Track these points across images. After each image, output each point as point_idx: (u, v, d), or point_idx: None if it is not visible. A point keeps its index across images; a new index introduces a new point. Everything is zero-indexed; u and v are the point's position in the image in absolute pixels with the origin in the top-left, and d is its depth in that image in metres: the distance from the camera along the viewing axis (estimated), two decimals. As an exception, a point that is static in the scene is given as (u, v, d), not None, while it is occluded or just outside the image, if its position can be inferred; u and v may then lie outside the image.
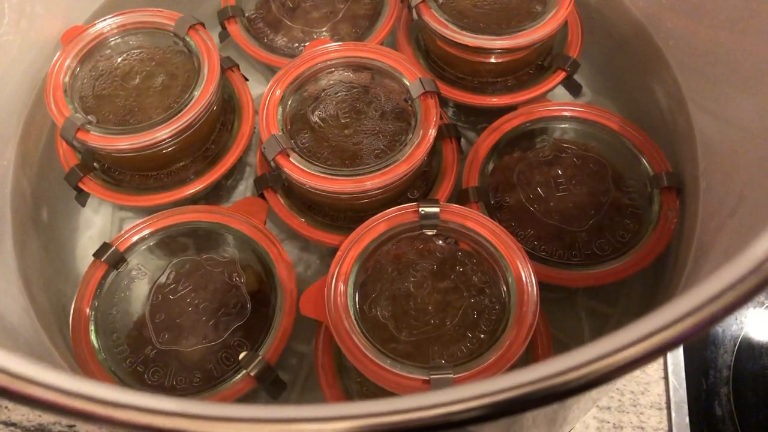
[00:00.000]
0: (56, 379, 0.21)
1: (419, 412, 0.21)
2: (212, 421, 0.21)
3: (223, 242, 0.52)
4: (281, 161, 0.48)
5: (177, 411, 0.21)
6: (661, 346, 0.22)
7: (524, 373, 0.22)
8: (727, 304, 0.23)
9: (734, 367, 0.61)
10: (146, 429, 0.20)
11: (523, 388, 0.22)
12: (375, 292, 0.44)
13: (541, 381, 0.21)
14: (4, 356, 0.22)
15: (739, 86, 0.46)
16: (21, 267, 0.50)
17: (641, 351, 0.22)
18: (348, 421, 0.21)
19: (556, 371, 0.22)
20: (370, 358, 0.40)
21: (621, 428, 0.56)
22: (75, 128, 0.50)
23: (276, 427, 0.21)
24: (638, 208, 0.52)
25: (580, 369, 0.22)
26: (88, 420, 0.20)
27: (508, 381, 0.22)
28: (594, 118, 0.55)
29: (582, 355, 0.22)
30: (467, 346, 0.42)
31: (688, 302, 0.23)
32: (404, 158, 0.48)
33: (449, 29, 0.54)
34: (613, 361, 0.22)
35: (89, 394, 0.21)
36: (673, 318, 0.23)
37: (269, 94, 0.51)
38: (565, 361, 0.22)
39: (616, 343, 0.23)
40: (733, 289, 0.24)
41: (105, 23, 0.56)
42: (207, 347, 0.47)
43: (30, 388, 0.21)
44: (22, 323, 0.45)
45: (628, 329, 0.23)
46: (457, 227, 0.46)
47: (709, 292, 0.24)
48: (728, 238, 0.40)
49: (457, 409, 0.21)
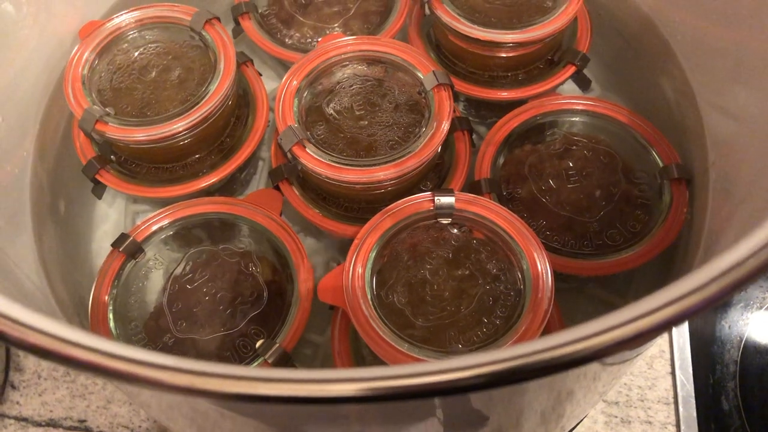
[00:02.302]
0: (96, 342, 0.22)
1: (422, 378, 0.22)
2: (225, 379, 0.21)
3: (239, 233, 0.53)
4: (297, 152, 0.49)
5: (199, 370, 0.21)
6: (661, 322, 0.22)
7: (528, 344, 0.22)
8: (733, 281, 0.23)
9: (741, 362, 0.62)
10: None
11: (525, 359, 0.22)
12: (392, 279, 0.45)
13: (543, 352, 0.22)
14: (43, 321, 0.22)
15: (745, 81, 0.46)
16: (40, 255, 0.51)
17: (644, 325, 0.23)
18: (355, 384, 0.21)
19: (557, 343, 0.22)
20: (388, 342, 0.41)
21: (629, 423, 0.57)
22: (94, 120, 0.51)
23: (294, 386, 0.21)
24: (648, 200, 0.52)
25: (581, 342, 0.22)
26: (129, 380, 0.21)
27: (510, 352, 0.22)
28: (604, 111, 0.56)
29: (585, 329, 0.22)
30: (483, 332, 0.43)
31: (694, 279, 0.24)
32: (418, 149, 0.48)
33: (461, 23, 0.55)
34: (617, 335, 0.22)
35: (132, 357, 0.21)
36: (677, 295, 0.23)
37: (285, 85, 0.52)
38: (567, 335, 0.22)
39: (619, 318, 0.23)
40: (739, 268, 0.24)
41: (122, 18, 0.57)
42: (224, 335, 0.48)
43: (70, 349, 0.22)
44: (43, 309, 0.46)
45: (630, 307, 0.23)
46: (471, 216, 0.46)
47: (717, 269, 0.24)
48: (738, 226, 0.41)
49: (458, 376, 0.22)
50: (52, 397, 0.58)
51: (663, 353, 0.59)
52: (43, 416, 0.58)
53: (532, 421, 0.41)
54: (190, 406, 0.34)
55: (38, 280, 0.49)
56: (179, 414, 0.38)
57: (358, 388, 0.21)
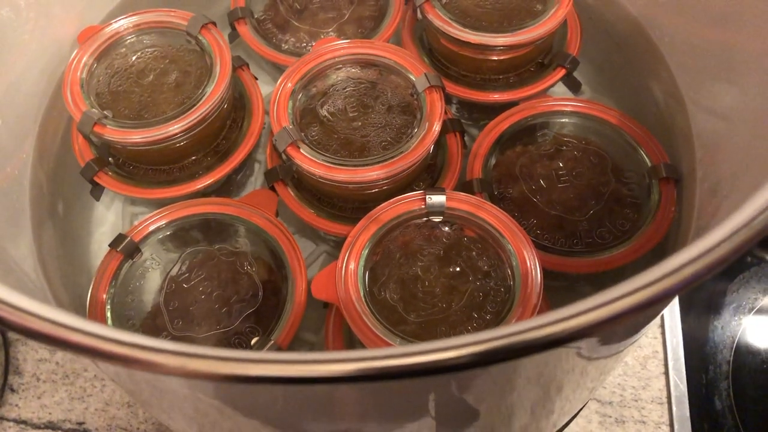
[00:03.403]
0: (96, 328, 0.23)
1: (410, 357, 0.22)
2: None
3: (235, 233, 0.53)
4: (292, 152, 0.50)
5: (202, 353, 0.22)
6: (634, 305, 0.23)
7: (515, 324, 0.23)
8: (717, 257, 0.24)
9: (733, 362, 0.63)
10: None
11: (511, 337, 0.22)
12: (384, 276, 0.46)
13: (526, 331, 0.22)
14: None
15: (729, 79, 0.47)
16: (40, 256, 0.51)
17: (628, 304, 0.23)
18: (347, 364, 0.22)
19: (539, 324, 0.23)
20: (381, 337, 0.41)
21: (623, 423, 0.57)
22: (92, 122, 0.52)
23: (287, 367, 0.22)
24: (637, 198, 0.53)
25: (566, 321, 0.23)
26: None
27: (498, 331, 0.23)
28: (593, 112, 0.57)
29: (568, 310, 0.23)
30: (473, 327, 0.43)
31: (682, 256, 0.25)
32: (410, 150, 0.49)
33: (453, 27, 0.56)
34: (609, 310, 0.23)
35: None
36: (662, 274, 0.24)
37: (280, 87, 0.53)
38: (552, 315, 0.23)
39: (594, 302, 0.24)
40: (714, 250, 0.25)
41: (120, 23, 0.58)
42: (220, 333, 0.49)
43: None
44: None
45: (606, 291, 0.24)
46: (462, 214, 0.47)
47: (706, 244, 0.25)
48: (722, 219, 0.42)
49: (448, 356, 0.22)
50: (50, 400, 0.59)
51: (656, 353, 0.59)
52: (42, 419, 0.58)
53: (522, 418, 0.41)
54: (192, 406, 0.35)
55: (37, 280, 0.50)
56: (180, 414, 0.38)
57: (349, 368, 0.22)
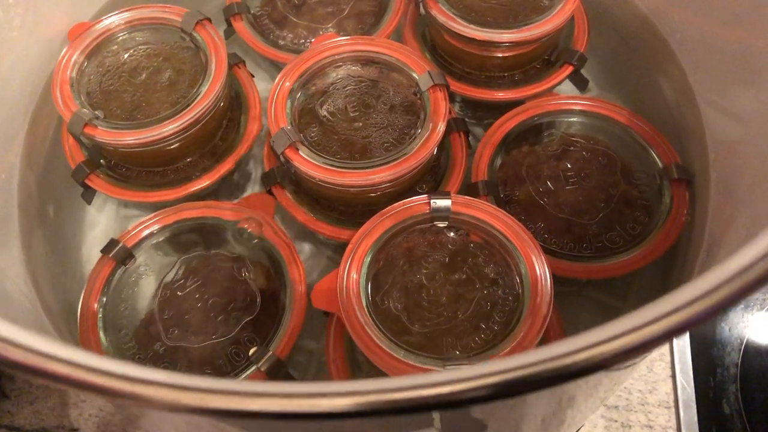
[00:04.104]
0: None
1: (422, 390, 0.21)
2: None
3: (232, 238, 0.51)
4: (290, 154, 0.48)
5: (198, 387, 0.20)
6: (665, 331, 0.22)
7: (530, 354, 0.21)
8: (735, 290, 0.23)
9: (741, 364, 0.61)
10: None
11: (527, 369, 0.21)
12: (387, 284, 0.44)
13: (547, 361, 0.21)
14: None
15: (746, 80, 0.46)
16: (28, 263, 0.49)
17: (647, 335, 0.22)
18: (349, 398, 0.20)
19: (562, 352, 0.21)
20: (384, 349, 0.40)
21: (629, 427, 0.56)
22: (83, 123, 0.50)
23: (285, 401, 0.21)
24: (648, 201, 0.52)
25: (588, 350, 0.21)
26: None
27: (511, 362, 0.21)
28: (602, 111, 0.55)
29: (590, 337, 0.22)
30: (481, 338, 0.42)
31: (696, 288, 0.23)
32: (414, 151, 0.47)
33: (457, 23, 0.54)
34: (621, 344, 0.22)
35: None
36: (681, 303, 0.22)
37: (278, 86, 0.51)
38: (572, 343, 0.21)
39: (622, 327, 0.22)
40: (741, 276, 0.23)
41: (112, 19, 0.56)
42: (216, 343, 0.47)
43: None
44: (31, 318, 0.45)
45: (633, 315, 0.23)
46: (468, 219, 0.45)
47: (718, 278, 0.23)
48: (742, 229, 0.40)
49: (460, 388, 0.21)
50: (43, 406, 0.57)
51: (663, 356, 0.58)
52: (35, 425, 0.57)
53: (532, 428, 0.40)
54: (184, 419, 0.33)
55: (25, 287, 0.48)
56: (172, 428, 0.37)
57: (352, 402, 0.20)
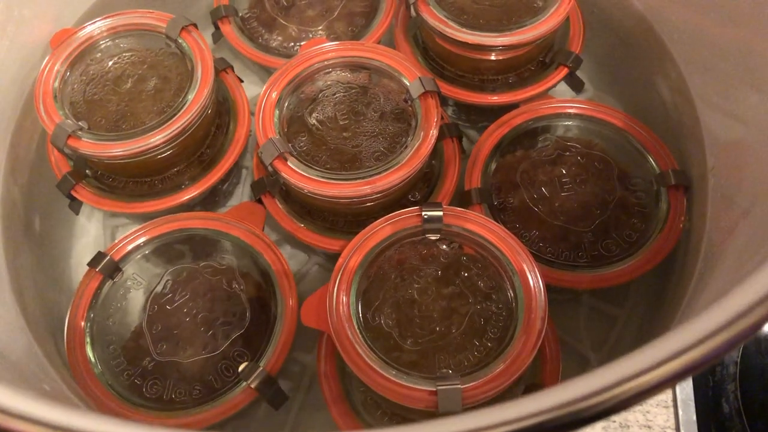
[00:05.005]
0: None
1: None
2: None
3: (221, 249, 0.51)
4: (279, 166, 0.47)
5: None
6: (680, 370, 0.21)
7: (538, 399, 0.21)
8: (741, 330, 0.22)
9: (741, 363, 0.61)
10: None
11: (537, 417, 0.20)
12: (378, 300, 0.43)
13: (562, 407, 0.20)
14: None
15: (748, 82, 0.44)
16: (13, 277, 0.49)
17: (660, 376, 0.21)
18: None
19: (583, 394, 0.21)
20: (375, 369, 0.39)
21: (627, 427, 0.55)
22: (66, 135, 0.48)
23: None
24: (645, 207, 0.51)
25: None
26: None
27: (517, 410, 0.20)
28: (598, 115, 0.54)
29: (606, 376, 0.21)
30: (474, 355, 0.41)
31: (705, 324, 0.22)
32: (405, 161, 0.46)
33: (448, 26, 0.53)
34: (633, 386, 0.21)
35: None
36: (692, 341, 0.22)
37: (265, 96, 0.49)
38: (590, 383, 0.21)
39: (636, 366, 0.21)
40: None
41: (95, 26, 0.54)
42: (206, 358, 0.46)
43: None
44: (14, 337, 0.44)
45: (642, 351, 0.22)
46: (461, 231, 0.44)
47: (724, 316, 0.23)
48: (742, 241, 0.39)
49: None
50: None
51: (661, 356, 0.57)
52: None
53: None
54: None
55: (9, 300, 0.47)
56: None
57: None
